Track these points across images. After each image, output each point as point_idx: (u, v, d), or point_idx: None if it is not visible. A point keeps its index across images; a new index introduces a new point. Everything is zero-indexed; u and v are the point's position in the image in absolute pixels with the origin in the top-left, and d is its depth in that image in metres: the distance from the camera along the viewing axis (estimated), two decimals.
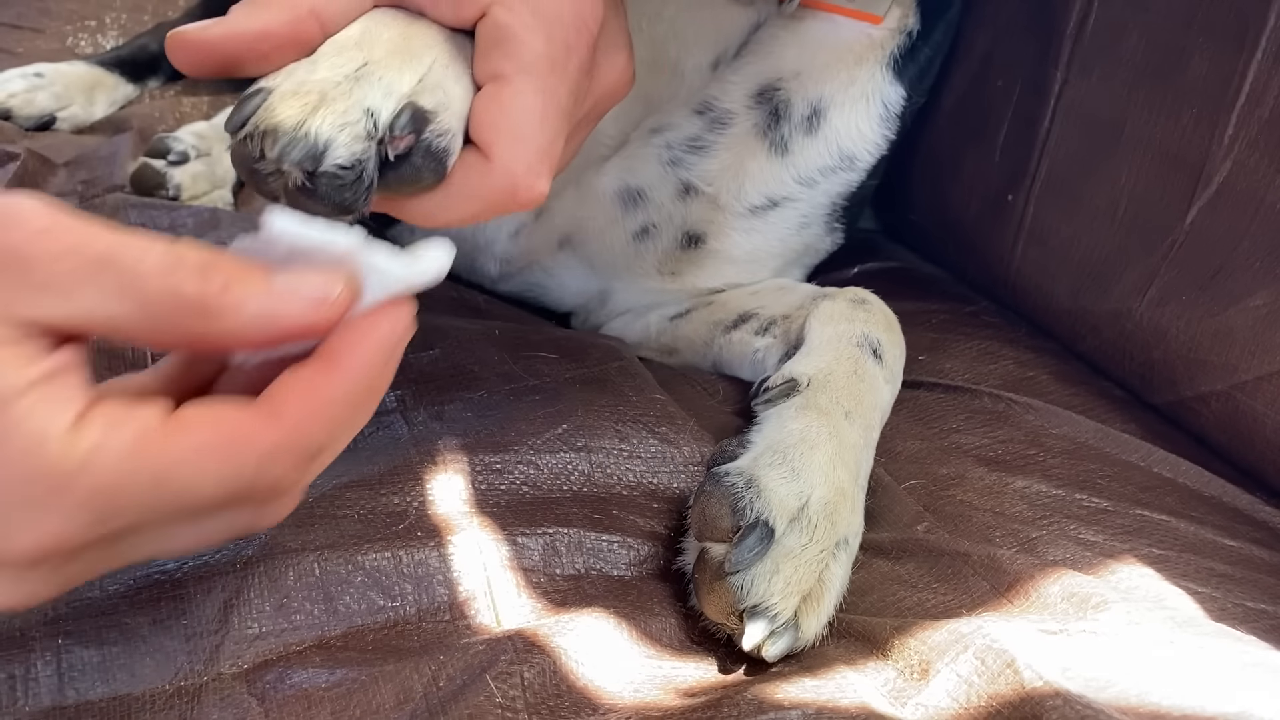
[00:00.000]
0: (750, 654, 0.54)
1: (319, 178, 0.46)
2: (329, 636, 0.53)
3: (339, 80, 0.48)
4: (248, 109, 0.48)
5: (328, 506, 0.58)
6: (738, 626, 0.54)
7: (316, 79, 0.47)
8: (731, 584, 0.54)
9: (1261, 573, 0.61)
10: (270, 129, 0.46)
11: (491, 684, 0.49)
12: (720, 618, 0.55)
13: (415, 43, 0.50)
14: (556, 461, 0.65)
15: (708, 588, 0.55)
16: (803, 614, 0.54)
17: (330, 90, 0.47)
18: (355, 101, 0.47)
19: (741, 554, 0.54)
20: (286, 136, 0.46)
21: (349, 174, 0.47)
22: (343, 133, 0.46)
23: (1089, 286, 0.79)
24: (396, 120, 0.48)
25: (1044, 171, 0.81)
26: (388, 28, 0.51)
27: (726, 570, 0.54)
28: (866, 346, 0.69)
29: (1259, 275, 0.67)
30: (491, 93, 0.50)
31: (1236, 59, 0.67)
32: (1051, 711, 0.45)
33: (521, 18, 0.49)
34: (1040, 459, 0.69)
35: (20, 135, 1.18)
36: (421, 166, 0.49)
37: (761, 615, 0.53)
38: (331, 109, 0.47)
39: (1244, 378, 0.68)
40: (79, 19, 1.54)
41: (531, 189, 0.49)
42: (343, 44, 0.49)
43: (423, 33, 0.51)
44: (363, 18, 0.51)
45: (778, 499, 0.56)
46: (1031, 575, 0.56)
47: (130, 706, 0.48)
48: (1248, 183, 0.67)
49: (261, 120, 0.47)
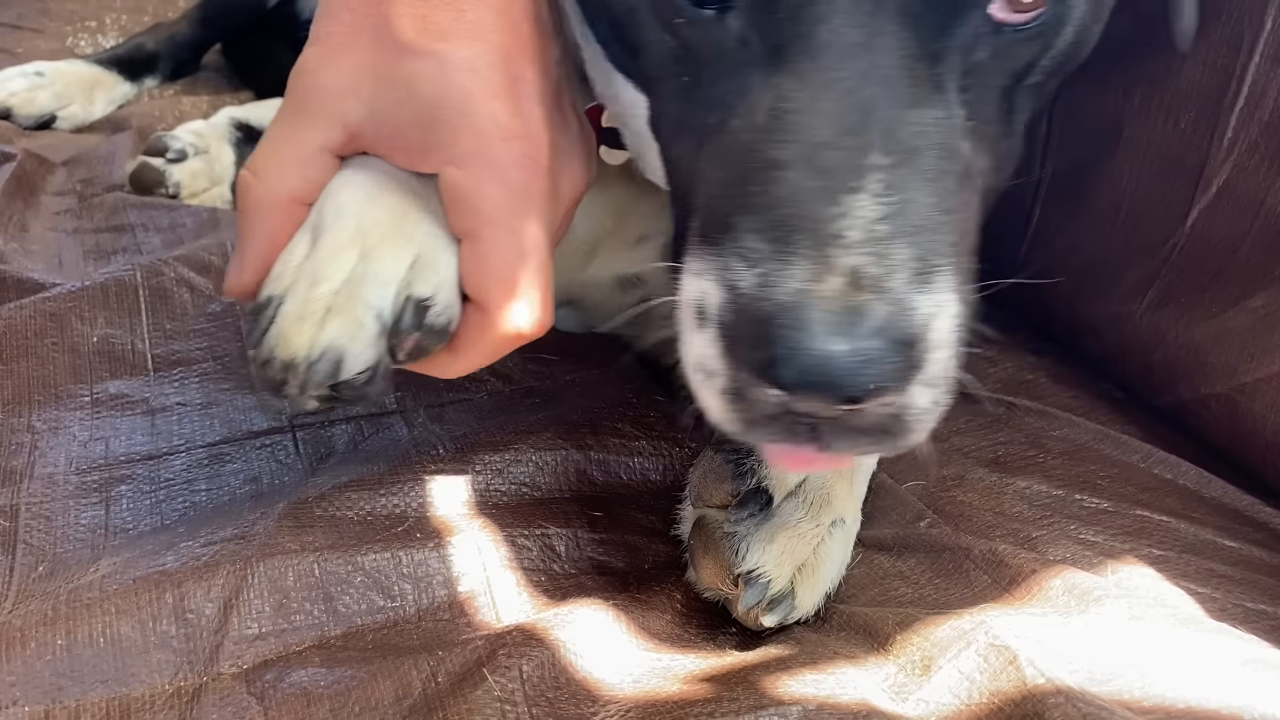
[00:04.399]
0: (748, 626, 0.55)
1: (340, 387, 0.50)
2: (329, 636, 0.53)
3: (338, 287, 0.50)
4: (260, 326, 0.51)
5: (327, 507, 0.58)
6: (733, 592, 0.54)
7: (320, 293, 0.50)
8: (727, 547, 0.54)
9: (1261, 573, 0.61)
10: (288, 360, 0.49)
11: (490, 678, 0.49)
12: (715, 583, 0.55)
13: (406, 221, 0.53)
14: (556, 461, 0.65)
15: (703, 552, 0.56)
16: (799, 584, 0.55)
17: (334, 301, 0.50)
18: (358, 305, 0.50)
19: (740, 516, 0.54)
20: (304, 364, 0.49)
21: (365, 375, 0.50)
22: (354, 341, 0.50)
23: (1090, 289, 0.79)
24: (400, 319, 0.51)
25: (1049, 174, 0.81)
26: (376, 205, 0.53)
27: (724, 532, 0.54)
28: None
29: (1259, 277, 0.67)
30: (470, 250, 0.53)
31: (1234, 62, 0.67)
32: (1053, 709, 0.46)
33: (474, 173, 0.52)
34: (1041, 460, 0.70)
35: (18, 135, 1.17)
36: (428, 345, 0.52)
37: (756, 581, 0.53)
38: (339, 319, 0.50)
39: (1244, 379, 0.68)
40: (79, 19, 1.54)
41: (532, 325, 0.53)
42: (338, 245, 0.52)
43: (409, 203, 0.53)
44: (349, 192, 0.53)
45: (779, 470, 0.57)
46: (1033, 570, 0.56)
47: (130, 706, 0.48)
48: (1247, 185, 0.67)
49: (278, 350, 0.50)
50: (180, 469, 0.63)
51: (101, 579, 0.53)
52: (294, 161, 0.53)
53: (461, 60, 0.51)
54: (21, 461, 0.63)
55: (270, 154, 0.54)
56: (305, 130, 0.53)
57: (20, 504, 0.59)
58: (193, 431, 0.66)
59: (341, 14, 0.53)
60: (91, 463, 0.63)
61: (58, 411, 0.66)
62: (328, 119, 0.53)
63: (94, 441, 0.65)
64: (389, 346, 0.51)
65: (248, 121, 1.18)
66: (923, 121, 0.49)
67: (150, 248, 0.91)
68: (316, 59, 0.53)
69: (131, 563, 0.55)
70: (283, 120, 0.54)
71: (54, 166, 1.08)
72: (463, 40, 0.52)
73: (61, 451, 0.64)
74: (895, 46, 0.48)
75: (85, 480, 0.62)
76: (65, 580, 0.54)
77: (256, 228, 0.53)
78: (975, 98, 0.51)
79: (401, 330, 0.51)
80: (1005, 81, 0.53)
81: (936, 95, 0.50)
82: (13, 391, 0.67)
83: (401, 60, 0.51)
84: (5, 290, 0.78)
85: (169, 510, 0.60)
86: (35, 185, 1.02)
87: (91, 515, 0.59)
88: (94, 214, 0.97)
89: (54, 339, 0.71)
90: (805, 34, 0.49)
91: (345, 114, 0.53)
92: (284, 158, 0.53)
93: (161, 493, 0.61)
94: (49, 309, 0.73)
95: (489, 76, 0.52)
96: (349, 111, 0.53)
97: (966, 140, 0.51)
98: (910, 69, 0.49)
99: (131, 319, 0.75)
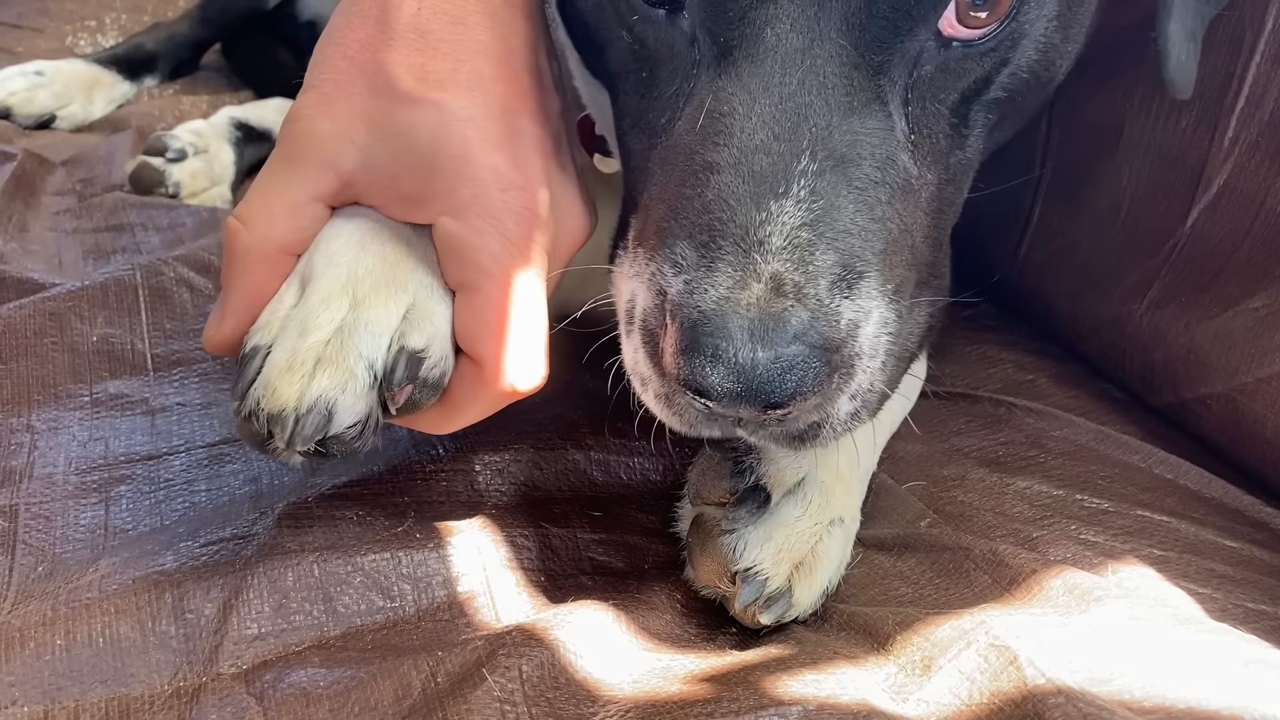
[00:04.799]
0: (745, 623, 0.55)
1: (329, 441, 0.49)
2: (328, 637, 0.53)
3: (329, 337, 0.49)
4: (247, 376, 0.49)
5: (327, 508, 0.58)
6: (730, 589, 0.54)
7: (309, 343, 0.49)
8: (724, 545, 0.54)
9: (1262, 574, 0.61)
10: (275, 412, 0.48)
11: (490, 678, 0.49)
12: (713, 580, 0.55)
13: (400, 270, 0.52)
14: (556, 460, 0.65)
15: (701, 549, 0.56)
16: (796, 582, 0.55)
17: (324, 351, 0.49)
18: (349, 355, 0.49)
19: (737, 514, 0.55)
20: (292, 417, 0.47)
21: (356, 429, 0.49)
22: (344, 394, 0.48)
23: (1090, 289, 0.79)
24: (393, 372, 0.49)
25: (1049, 174, 0.81)
26: (369, 253, 0.52)
27: (721, 529, 0.54)
28: None
29: (1259, 277, 0.67)
30: (465, 302, 0.52)
31: (1235, 62, 0.67)
32: (1054, 709, 0.45)
33: (470, 223, 0.51)
34: (1041, 460, 0.69)
35: (18, 134, 1.17)
36: (421, 399, 0.51)
37: (753, 579, 0.54)
38: (329, 370, 0.48)
39: (1244, 379, 0.68)
40: (79, 19, 1.54)
41: (528, 380, 0.52)
42: (329, 293, 0.50)
43: (402, 253, 0.52)
44: (340, 241, 0.52)
45: (777, 469, 0.57)
46: (1034, 570, 0.56)
47: (130, 706, 0.48)
48: (1248, 185, 0.67)
49: (264, 401, 0.48)
50: (180, 469, 0.63)
51: (101, 579, 0.53)
52: (284, 210, 0.52)
53: (460, 110, 0.51)
54: (21, 461, 0.62)
55: (260, 202, 0.52)
56: (297, 178, 0.52)
57: (20, 504, 0.59)
58: (192, 431, 0.66)
59: (337, 61, 0.52)
60: (91, 463, 0.63)
61: (57, 411, 0.66)
62: (321, 167, 0.52)
63: (94, 441, 0.65)
64: (381, 399, 0.50)
65: (247, 121, 1.18)
66: (858, 131, 0.49)
67: (150, 247, 0.91)
68: (311, 106, 0.52)
69: (131, 563, 0.55)
70: (274, 168, 0.53)
71: (54, 166, 1.08)
72: (462, 90, 0.51)
73: (61, 451, 0.64)
74: (836, 55, 0.48)
75: (85, 480, 0.62)
76: (64, 580, 0.54)
77: (242, 278, 0.52)
78: (921, 110, 0.51)
79: (395, 383, 0.49)
80: (956, 96, 0.52)
81: (876, 106, 0.50)
82: (12, 391, 0.67)
83: (399, 109, 0.51)
84: (5, 290, 0.78)
85: (168, 510, 0.60)
86: (35, 185, 1.02)
87: (91, 515, 0.59)
88: (93, 214, 0.97)
89: (53, 338, 0.71)
90: (751, 37, 0.49)
91: (339, 162, 0.52)
92: (274, 206, 0.52)
93: (161, 493, 0.61)
94: (48, 308, 0.73)
95: (488, 127, 0.51)
96: (343, 159, 0.51)
97: (906, 153, 0.51)
98: (849, 78, 0.49)
99: (131, 319, 0.75)
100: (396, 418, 0.52)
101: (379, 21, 0.52)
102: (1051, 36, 0.54)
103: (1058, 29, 0.54)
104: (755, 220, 0.46)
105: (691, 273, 0.46)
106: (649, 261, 0.49)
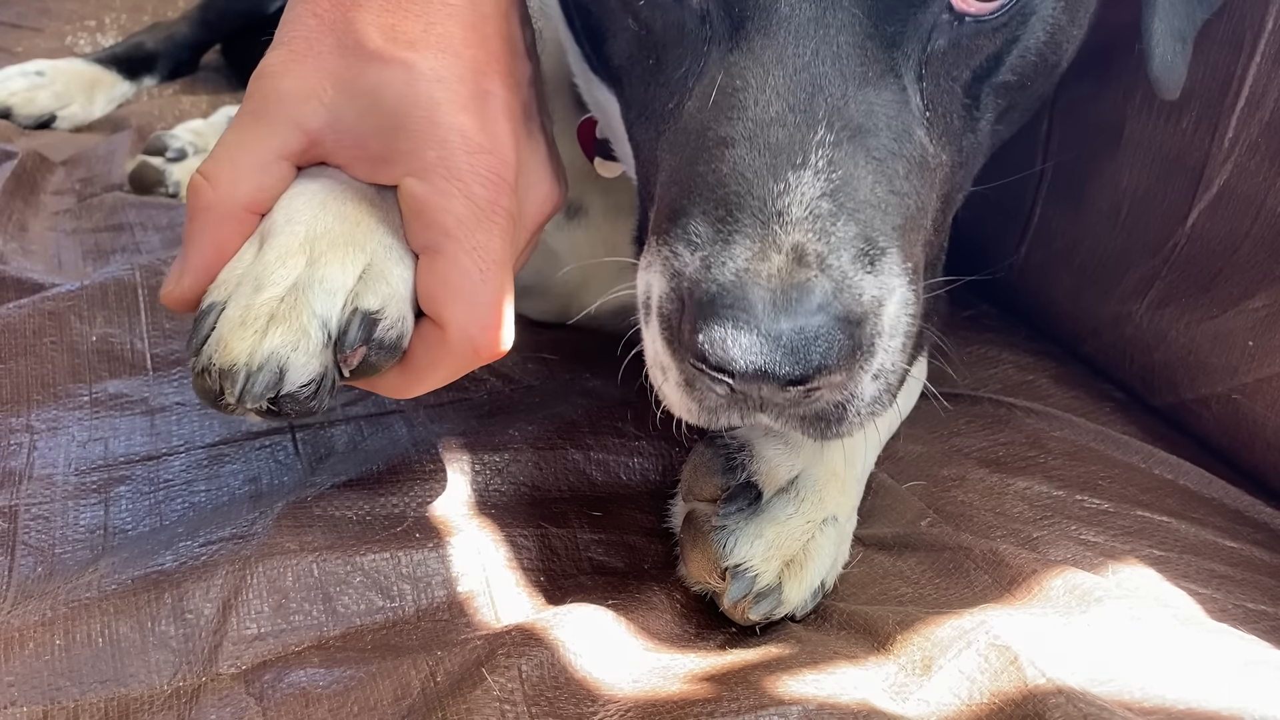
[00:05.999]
0: (735, 620, 0.55)
1: (282, 400, 0.48)
2: (328, 637, 0.53)
3: (283, 294, 0.48)
4: (201, 332, 0.49)
5: (326, 507, 0.58)
6: (720, 585, 0.54)
7: (262, 299, 0.48)
8: (715, 541, 0.54)
9: (1262, 574, 0.61)
10: (226, 368, 0.47)
11: (489, 678, 0.49)
12: (703, 576, 0.55)
13: (359, 229, 0.51)
14: (556, 460, 0.65)
15: (692, 545, 0.56)
16: (787, 579, 0.55)
17: (277, 308, 0.48)
18: (303, 313, 0.48)
19: (728, 510, 0.55)
20: (243, 373, 0.47)
21: (309, 389, 0.48)
22: (297, 352, 0.47)
23: (1090, 289, 0.79)
24: (346, 332, 0.49)
25: (1050, 174, 0.81)
26: (329, 212, 0.51)
27: (712, 525, 0.54)
28: None
29: (1259, 278, 0.67)
30: (428, 265, 0.51)
31: (1235, 62, 0.67)
32: (1054, 709, 0.45)
33: (436, 185, 0.50)
34: (1041, 461, 0.69)
35: (18, 134, 1.17)
36: (378, 361, 0.50)
37: (743, 575, 0.53)
38: (282, 327, 0.47)
39: (1244, 380, 0.68)
40: (78, 19, 1.54)
41: (491, 345, 0.51)
42: (286, 250, 0.50)
43: (363, 212, 0.52)
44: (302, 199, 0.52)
45: (769, 466, 0.57)
46: (1034, 570, 0.56)
47: (129, 707, 0.48)
48: (1248, 186, 0.67)
49: (216, 357, 0.47)
50: (179, 469, 0.63)
51: (100, 579, 0.53)
52: (249, 168, 0.51)
53: (429, 70, 0.50)
54: (20, 462, 0.62)
55: (225, 159, 0.52)
56: (263, 135, 0.51)
57: (19, 505, 0.59)
58: (192, 432, 0.66)
59: (307, 19, 0.52)
60: (90, 463, 0.63)
61: (56, 411, 0.66)
62: (287, 124, 0.51)
63: (93, 442, 0.65)
64: (336, 360, 0.49)
65: None
66: (874, 102, 0.48)
67: (149, 247, 0.91)
68: (279, 63, 0.52)
69: (130, 563, 0.54)
70: (240, 124, 0.52)
71: (53, 166, 1.08)
72: (431, 51, 0.50)
73: (60, 452, 0.63)
74: (850, 25, 0.48)
75: (84, 481, 0.62)
76: (64, 580, 0.54)
77: (204, 234, 0.51)
78: (935, 87, 0.51)
79: (348, 344, 0.49)
80: (968, 74, 0.52)
81: (891, 78, 0.49)
82: (11, 391, 0.67)
83: (367, 67, 0.50)
84: (5, 290, 0.78)
85: (168, 511, 0.60)
86: (35, 185, 1.02)
87: (90, 516, 0.59)
88: (93, 214, 0.97)
89: (52, 338, 0.71)
90: (764, 8, 0.48)
91: (306, 120, 0.51)
92: (239, 163, 0.51)
93: (160, 493, 0.61)
94: (48, 308, 0.73)
95: (457, 89, 0.50)
96: (310, 117, 0.51)
97: (922, 128, 0.50)
98: (864, 49, 0.48)
99: (130, 318, 0.75)
100: (355, 380, 0.51)
101: None
102: (1059, 18, 0.54)
103: (1064, 10, 0.54)
104: (774, 191, 0.45)
105: (708, 248, 0.45)
106: (662, 246, 0.48)
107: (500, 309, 0.51)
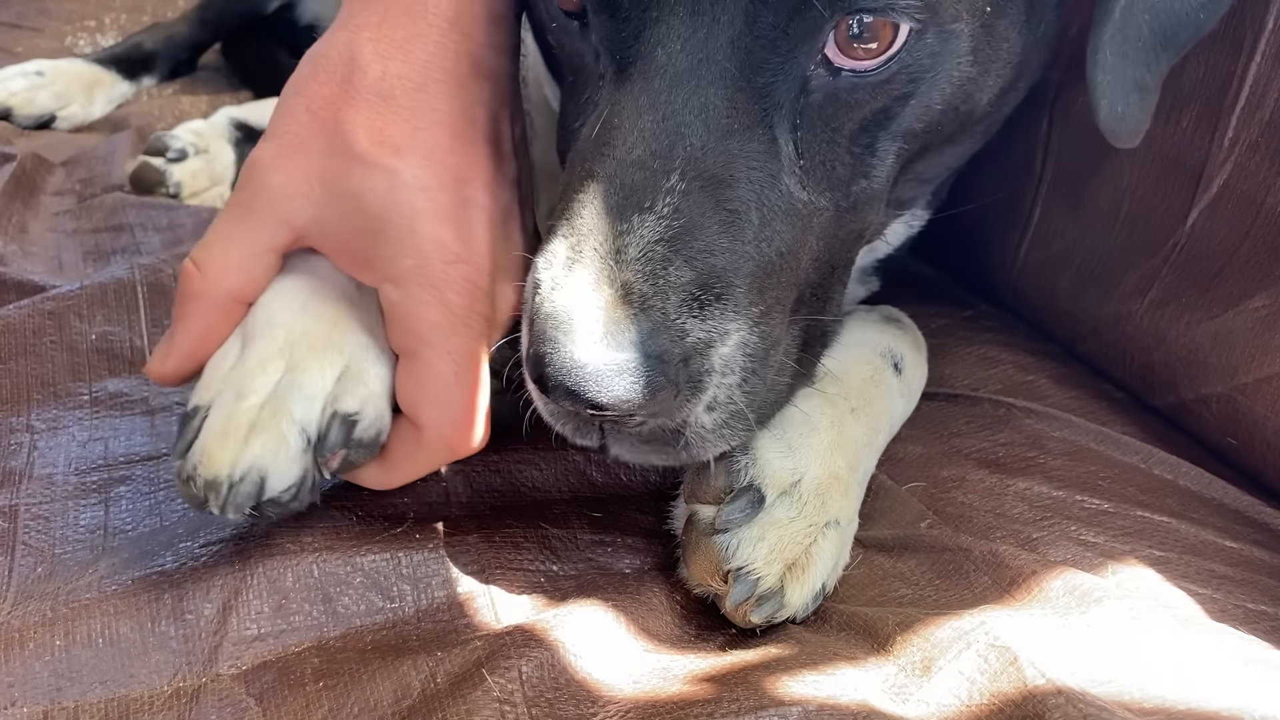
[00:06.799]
0: (736, 622, 0.55)
1: (264, 505, 0.51)
2: (328, 637, 0.53)
3: (263, 401, 0.51)
4: (186, 437, 0.51)
5: (327, 508, 0.58)
6: (722, 588, 0.54)
7: (243, 409, 0.51)
8: (717, 543, 0.55)
9: (1262, 574, 0.61)
10: (210, 480, 0.50)
11: (489, 678, 0.49)
12: (705, 579, 0.55)
13: (337, 330, 0.54)
14: (556, 460, 0.65)
15: (694, 547, 0.56)
16: (788, 583, 0.55)
17: (258, 416, 0.50)
18: (283, 420, 0.51)
19: (730, 513, 0.55)
20: (225, 485, 0.50)
21: (290, 492, 0.51)
22: (277, 459, 0.50)
23: (1090, 289, 0.79)
24: (326, 436, 0.51)
25: (1050, 174, 0.81)
26: (309, 314, 0.54)
27: (715, 528, 0.55)
28: (889, 358, 0.70)
29: (1259, 278, 0.67)
30: (405, 367, 0.54)
31: (1235, 62, 0.67)
32: (1054, 710, 0.45)
33: (411, 293, 0.52)
34: (1041, 461, 0.69)
35: (17, 135, 1.17)
36: (357, 459, 0.53)
37: (744, 578, 0.54)
38: (262, 436, 0.50)
39: (1244, 380, 0.68)
40: (78, 19, 1.54)
41: (465, 444, 0.54)
42: (266, 356, 0.52)
43: (342, 312, 0.54)
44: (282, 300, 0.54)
45: (772, 470, 0.57)
46: (1034, 571, 0.56)
47: (129, 707, 0.48)
48: (1248, 185, 0.67)
49: (201, 468, 0.50)
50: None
51: (100, 579, 0.53)
52: (238, 259, 0.53)
53: (413, 179, 0.52)
54: (20, 462, 0.62)
55: (217, 248, 0.54)
56: (252, 229, 0.54)
57: (19, 505, 0.59)
58: None
59: (299, 113, 0.54)
60: (91, 463, 0.63)
61: (57, 410, 0.66)
62: (275, 220, 0.53)
63: (93, 442, 0.65)
64: (317, 462, 0.51)
65: (247, 121, 1.18)
66: (735, 152, 0.50)
67: (149, 248, 0.91)
68: (270, 157, 0.54)
69: (130, 563, 0.55)
70: (231, 215, 0.55)
71: (53, 167, 1.08)
72: (417, 158, 0.52)
73: (60, 452, 0.64)
74: (721, 77, 0.50)
75: (84, 481, 0.62)
76: (64, 581, 0.54)
77: (192, 321, 0.54)
78: (812, 136, 0.52)
79: (328, 447, 0.51)
80: (853, 125, 0.53)
81: (760, 129, 0.51)
82: (11, 390, 0.67)
83: (353, 170, 0.52)
84: (6, 293, 0.78)
85: (168, 511, 0.60)
86: (35, 185, 1.02)
87: (91, 516, 0.59)
88: (93, 214, 0.97)
89: (52, 337, 0.71)
90: (644, 56, 0.51)
91: (293, 216, 0.53)
92: (230, 255, 0.54)
93: (161, 493, 0.61)
94: (47, 307, 0.73)
95: (438, 197, 0.52)
96: (297, 214, 0.53)
97: (793, 177, 0.52)
98: (732, 100, 0.50)
99: (130, 316, 0.75)
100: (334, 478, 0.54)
101: (344, 80, 0.53)
102: (966, 71, 0.54)
103: (972, 64, 0.54)
104: (618, 230, 0.48)
105: (557, 270, 0.48)
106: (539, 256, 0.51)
107: (474, 409, 0.53)
